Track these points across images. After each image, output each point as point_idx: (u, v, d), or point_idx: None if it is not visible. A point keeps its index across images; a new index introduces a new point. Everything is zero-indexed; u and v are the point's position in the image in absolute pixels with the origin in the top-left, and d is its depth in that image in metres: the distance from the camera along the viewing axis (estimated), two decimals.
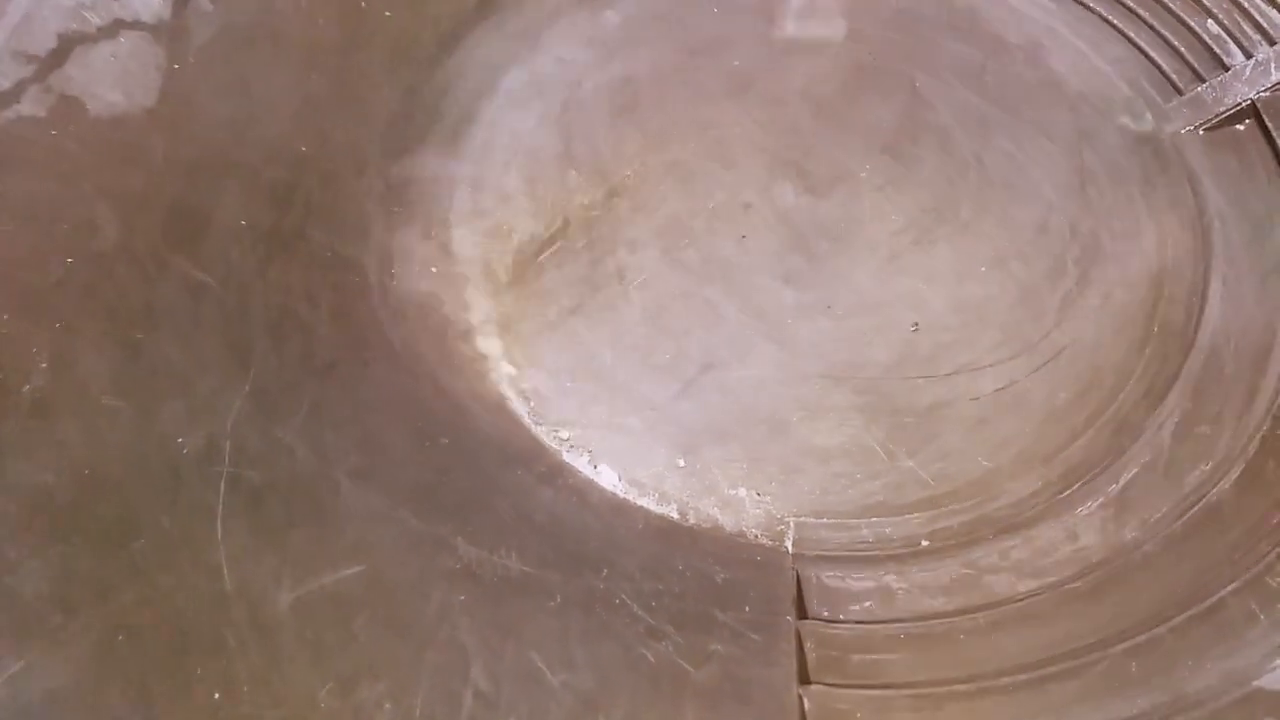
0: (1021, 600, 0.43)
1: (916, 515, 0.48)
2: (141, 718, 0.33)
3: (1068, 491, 0.47)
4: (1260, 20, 0.57)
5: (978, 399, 0.51)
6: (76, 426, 0.40)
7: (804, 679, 0.40)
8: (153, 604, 0.35)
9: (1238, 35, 0.57)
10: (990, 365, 0.51)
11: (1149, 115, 0.57)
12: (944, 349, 0.52)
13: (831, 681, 0.40)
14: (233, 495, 0.41)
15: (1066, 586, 0.43)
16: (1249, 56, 0.56)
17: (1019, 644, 0.41)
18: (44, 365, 0.42)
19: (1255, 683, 0.36)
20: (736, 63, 0.62)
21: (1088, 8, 0.60)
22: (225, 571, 0.37)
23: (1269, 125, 0.54)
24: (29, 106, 0.50)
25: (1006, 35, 0.61)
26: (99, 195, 0.51)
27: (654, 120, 0.60)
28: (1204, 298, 0.51)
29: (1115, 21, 0.59)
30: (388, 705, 0.35)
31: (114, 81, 0.54)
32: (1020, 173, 0.56)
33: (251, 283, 0.51)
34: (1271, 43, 0.55)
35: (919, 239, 0.55)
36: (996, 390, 0.51)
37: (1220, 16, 0.58)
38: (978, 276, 0.54)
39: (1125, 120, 0.57)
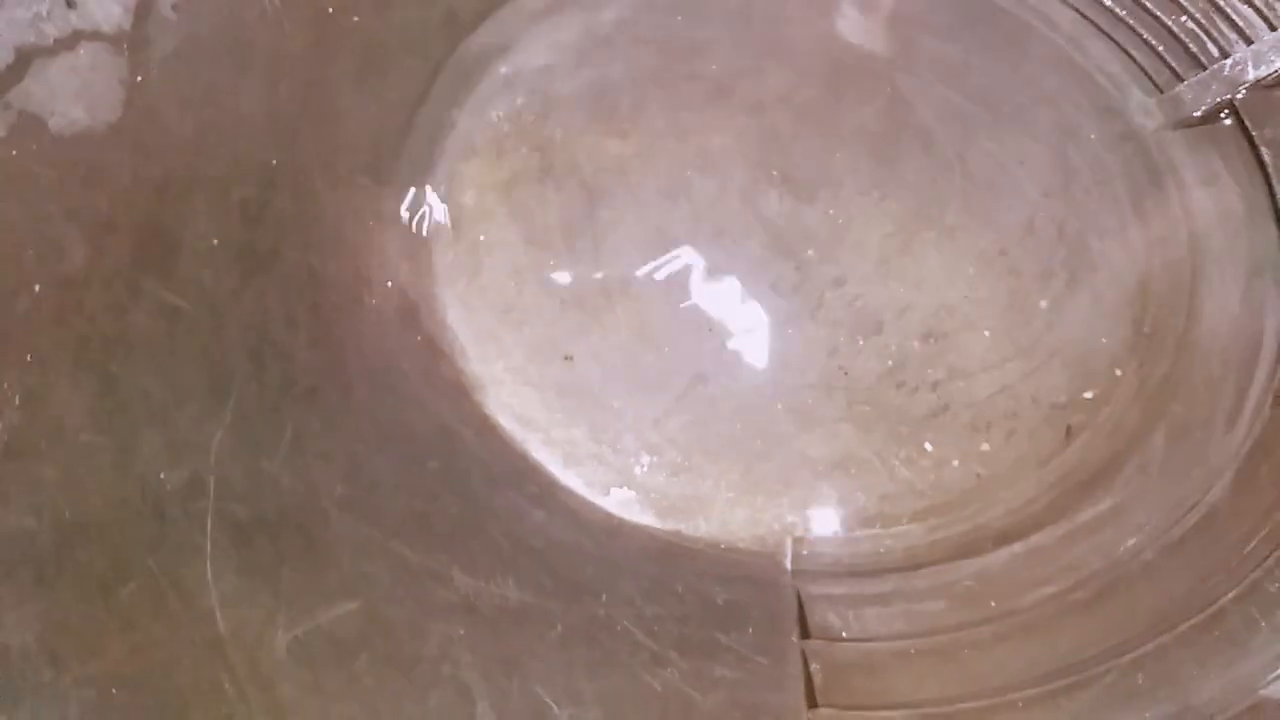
0: (1024, 612, 0.43)
1: (915, 526, 0.47)
2: None
3: (1064, 498, 0.47)
4: (1236, 19, 0.57)
5: (971, 405, 0.50)
6: (54, 466, 0.39)
7: (811, 703, 0.40)
8: (145, 653, 0.34)
9: (1215, 34, 0.57)
10: (983, 371, 0.51)
11: (1130, 113, 0.57)
12: (936, 356, 0.52)
13: (840, 703, 0.39)
14: (220, 532, 0.39)
15: (1068, 597, 0.43)
16: (1226, 55, 0.56)
17: (1025, 657, 0.41)
18: (16, 403, 0.40)
19: (1261, 692, 0.37)
20: (715, 68, 0.61)
21: (1069, 5, 0.60)
22: (218, 614, 0.36)
23: (1247, 124, 0.54)
24: None
25: (987, 33, 0.60)
26: (65, 217, 0.49)
27: (632, 129, 0.59)
28: (1192, 298, 0.51)
29: (1095, 19, 0.59)
30: None
31: (75, 96, 0.52)
32: (1004, 172, 0.56)
33: (227, 306, 0.49)
34: (1248, 41, 0.56)
35: (906, 243, 0.55)
36: (990, 396, 0.51)
37: (1197, 15, 0.58)
38: (966, 280, 0.53)
39: (1106, 118, 0.57)
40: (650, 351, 0.53)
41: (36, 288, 0.45)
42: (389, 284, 0.55)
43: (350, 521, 0.42)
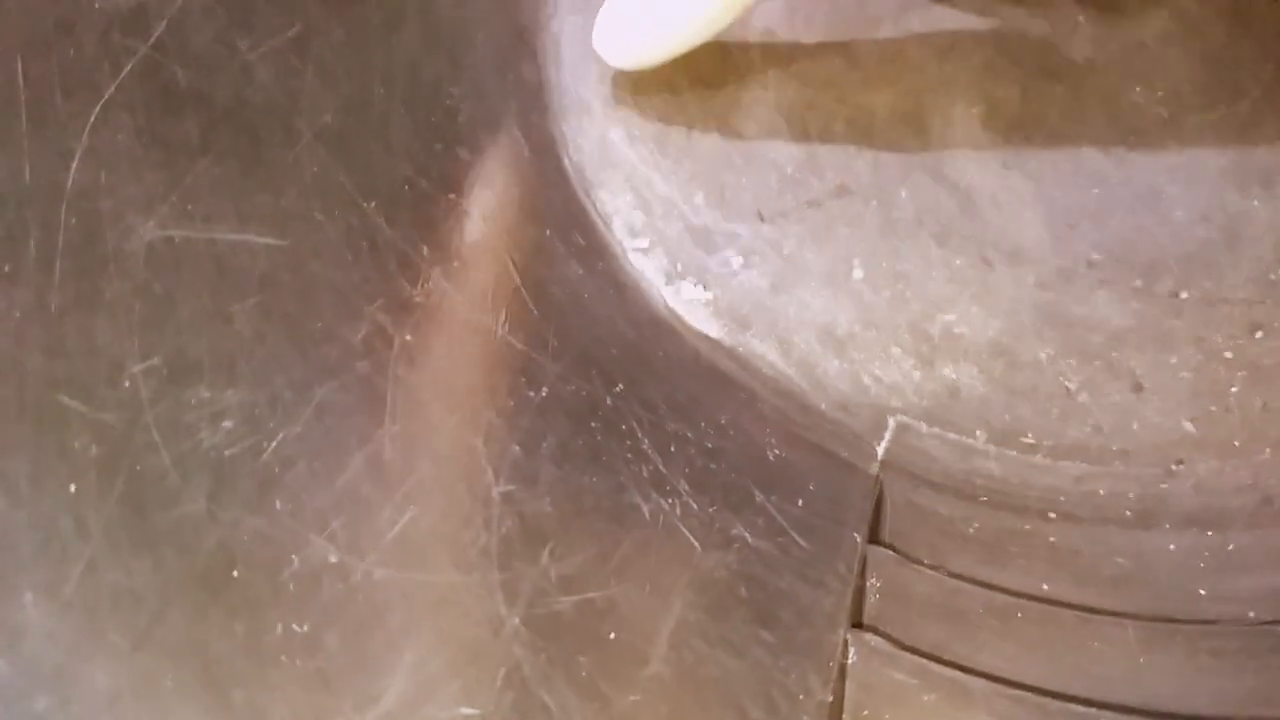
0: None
1: (1065, 462, 0.33)
2: None
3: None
4: None
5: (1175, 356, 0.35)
6: None
7: (856, 620, 0.26)
8: None
9: None
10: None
11: None
12: (1165, 281, 0.37)
13: (890, 635, 0.26)
14: (139, 85, 0.27)
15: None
16: None
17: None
18: None
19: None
20: None
21: None
22: (74, 168, 0.25)
23: None
24: None
25: None
26: None
27: None
28: None
29: None
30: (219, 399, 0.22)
31: None
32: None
33: None
34: None
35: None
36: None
37: None
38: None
39: None
40: (792, 145, 0.39)
41: None
42: None
43: (323, 154, 0.30)
